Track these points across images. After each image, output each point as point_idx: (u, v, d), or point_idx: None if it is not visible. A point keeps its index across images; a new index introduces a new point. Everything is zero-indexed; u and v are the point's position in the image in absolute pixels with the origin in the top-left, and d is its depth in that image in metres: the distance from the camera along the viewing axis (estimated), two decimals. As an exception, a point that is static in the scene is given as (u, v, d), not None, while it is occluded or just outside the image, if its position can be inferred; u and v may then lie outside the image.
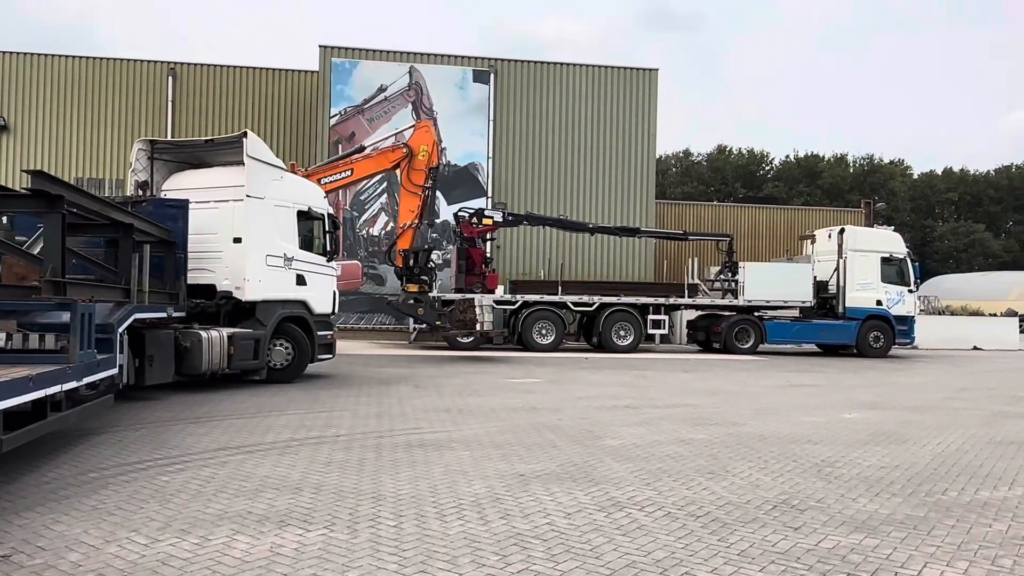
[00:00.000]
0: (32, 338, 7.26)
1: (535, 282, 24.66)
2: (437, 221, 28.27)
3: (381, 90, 28.71)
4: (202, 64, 30.10)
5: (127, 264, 9.13)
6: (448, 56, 29.53)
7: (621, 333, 22.99)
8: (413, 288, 18.25)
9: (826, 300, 23.94)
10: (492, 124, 29.10)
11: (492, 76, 29.32)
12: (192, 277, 11.78)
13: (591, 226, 25.52)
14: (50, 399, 6.33)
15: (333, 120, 28.44)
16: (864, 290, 23.37)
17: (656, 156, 32.14)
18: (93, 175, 28.57)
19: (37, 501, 5.60)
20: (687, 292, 24.15)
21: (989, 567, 4.67)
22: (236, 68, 30.32)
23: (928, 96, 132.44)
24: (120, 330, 8.62)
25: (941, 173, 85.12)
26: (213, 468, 6.73)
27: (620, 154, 30.29)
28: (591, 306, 23.04)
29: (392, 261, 19.19)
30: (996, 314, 40.43)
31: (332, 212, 14.58)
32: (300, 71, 30.61)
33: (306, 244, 13.51)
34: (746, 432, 9.14)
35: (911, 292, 23.87)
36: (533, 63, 30.25)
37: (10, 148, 28.51)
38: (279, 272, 12.82)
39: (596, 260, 29.58)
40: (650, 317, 23.19)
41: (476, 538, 4.95)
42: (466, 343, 22.00)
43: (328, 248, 14.06)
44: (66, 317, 6.96)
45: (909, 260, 23.94)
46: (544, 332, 22.40)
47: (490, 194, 28.43)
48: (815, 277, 23.77)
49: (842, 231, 24.04)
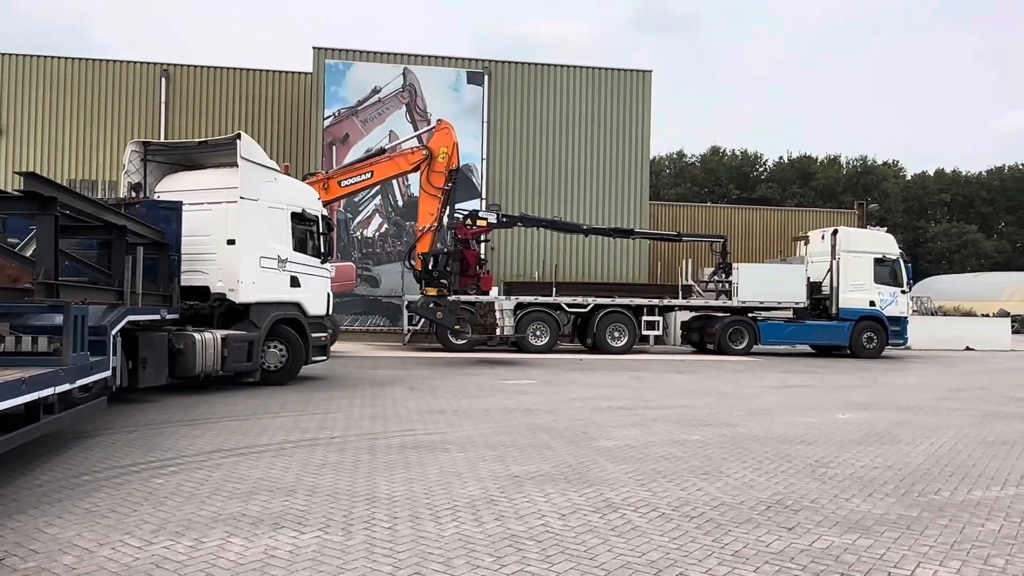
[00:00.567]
0: (25, 340, 7.23)
1: (529, 283, 24.66)
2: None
3: (375, 91, 28.71)
4: (196, 65, 30.04)
5: (120, 266, 9.10)
6: (442, 57, 29.54)
7: (615, 334, 23.02)
8: (432, 292, 17.99)
9: (819, 301, 24.00)
10: (486, 125, 29.11)
11: (486, 78, 29.33)
12: (186, 279, 11.76)
13: (585, 227, 25.54)
14: (43, 402, 6.31)
15: (327, 122, 28.42)
16: (857, 291, 23.44)
17: (650, 157, 32.18)
18: (86, 177, 28.49)
19: (30, 504, 5.58)
20: (681, 293, 24.18)
21: (982, 566, 4.69)
22: (230, 69, 30.26)
23: (921, 97, 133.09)
24: (113, 332, 8.59)
25: (934, 174, 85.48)
26: (207, 470, 6.71)
27: (614, 155, 30.32)
28: (585, 307, 23.06)
29: (411, 264, 18.74)
30: (988, 315, 40.58)
31: (326, 214, 14.56)
32: (294, 72, 30.58)
33: (300, 246, 13.49)
34: (740, 433, 9.16)
35: (904, 293, 23.94)
36: (527, 64, 30.27)
37: (3, 150, 28.40)
38: (273, 274, 12.80)
39: (590, 261, 29.61)
40: (644, 318, 23.21)
41: (471, 539, 4.96)
42: (460, 344, 22.00)
43: (322, 250, 14.05)
44: (59, 319, 6.94)
45: (902, 261, 24.02)
46: (538, 333, 22.39)
47: (484, 195, 28.44)
48: (808, 278, 23.84)
49: (835, 232, 24.11)
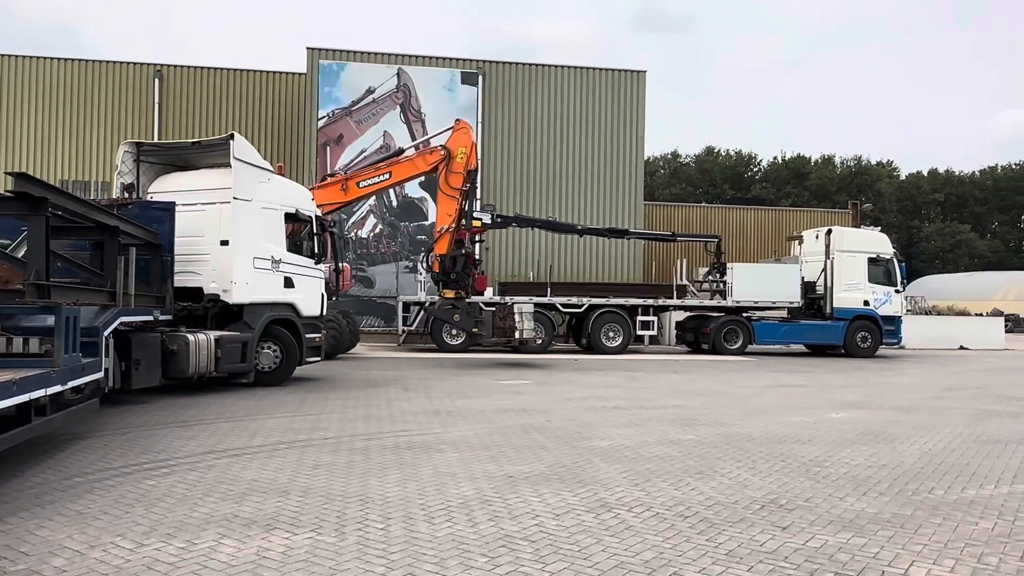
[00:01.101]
0: (16, 342, 7.19)
1: (524, 284, 24.66)
2: (426, 224, 28.30)
3: (369, 92, 28.67)
4: (189, 66, 29.97)
5: (113, 267, 9.06)
6: (436, 58, 29.53)
7: (610, 334, 23.03)
8: (450, 294, 17.63)
9: (814, 301, 24.04)
10: (480, 126, 29.07)
11: (480, 78, 29.32)
12: (179, 280, 11.71)
13: (580, 227, 25.54)
14: (35, 403, 6.29)
15: (321, 122, 28.38)
16: (851, 290, 23.48)
17: (644, 158, 32.21)
18: (79, 177, 28.39)
19: (21, 506, 5.54)
20: (676, 293, 24.20)
21: (975, 565, 4.69)
22: (223, 70, 30.20)
23: (915, 98, 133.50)
24: (106, 333, 8.56)
25: (927, 174, 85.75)
26: (200, 472, 6.69)
27: (608, 156, 30.34)
28: (580, 307, 23.07)
29: (428, 266, 18.44)
30: (982, 314, 40.71)
31: (319, 214, 14.53)
32: (287, 73, 30.53)
33: (294, 247, 13.46)
34: (734, 432, 9.16)
35: (898, 292, 23.99)
36: (521, 65, 30.27)
37: (-5, 151, 28.30)
38: (267, 275, 12.76)
39: (585, 261, 29.62)
40: (639, 318, 23.23)
41: (464, 540, 4.94)
42: (455, 344, 21.99)
43: (316, 250, 14.01)
44: (51, 321, 6.91)
45: (896, 260, 24.06)
46: (534, 334, 22.34)
47: (479, 196, 28.40)
48: (803, 278, 23.87)
49: (829, 232, 24.15)
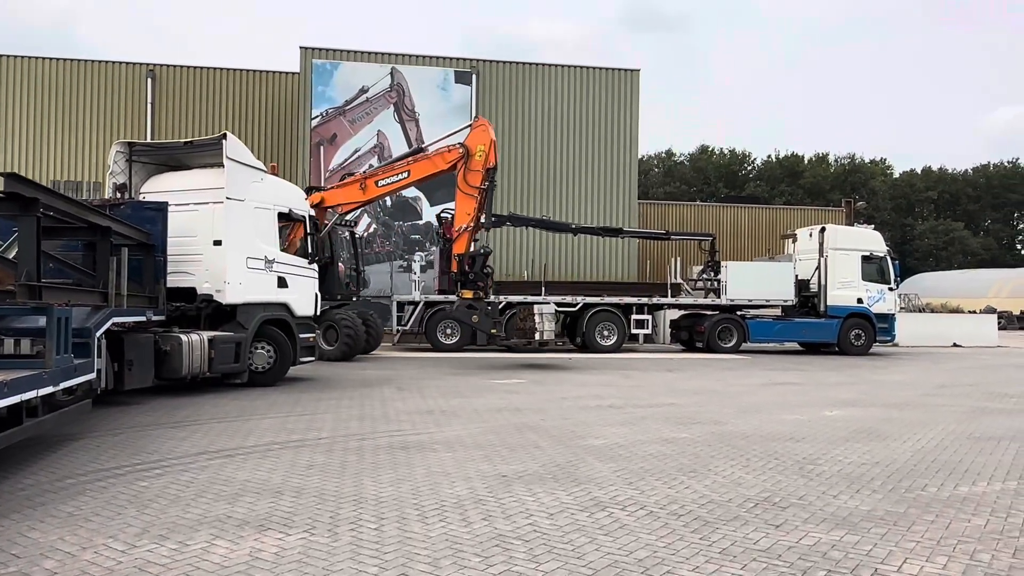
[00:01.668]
0: (7, 343, 7.17)
1: (518, 283, 24.65)
2: (420, 223, 28.27)
3: (362, 91, 28.63)
4: (182, 66, 29.88)
5: (105, 268, 9.03)
6: (430, 57, 29.49)
7: (604, 333, 23.03)
8: (468, 294, 17.32)
9: (808, 299, 24.09)
10: (474, 125, 29.02)
11: (474, 77, 29.29)
12: (172, 280, 11.67)
13: (574, 226, 25.54)
14: (26, 404, 6.26)
15: (314, 122, 28.32)
16: (845, 288, 23.53)
17: (638, 156, 32.21)
18: (71, 178, 28.28)
19: (12, 508, 5.52)
20: (670, 292, 24.22)
21: (968, 562, 4.70)
22: (216, 70, 30.11)
23: (909, 96, 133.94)
24: (98, 334, 8.52)
25: (921, 172, 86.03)
26: (193, 473, 6.66)
27: (602, 154, 30.34)
28: (574, 306, 23.06)
29: (447, 266, 18.15)
30: (975, 311, 40.88)
31: (313, 214, 14.50)
32: (281, 72, 30.45)
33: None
34: (728, 431, 9.17)
35: (891, 290, 24.04)
36: (515, 64, 30.25)
37: (-13, 151, 28.18)
38: (260, 275, 12.73)
39: (579, 260, 29.62)
40: (633, 317, 23.24)
41: (458, 540, 4.93)
42: (450, 344, 21.97)
43: (310, 250, 13.98)
44: (42, 322, 6.88)
45: (889, 258, 24.11)
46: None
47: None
48: (797, 276, 23.91)
49: (823, 230, 24.19)
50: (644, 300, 23.64)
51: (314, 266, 14.26)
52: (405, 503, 5.77)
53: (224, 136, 12.33)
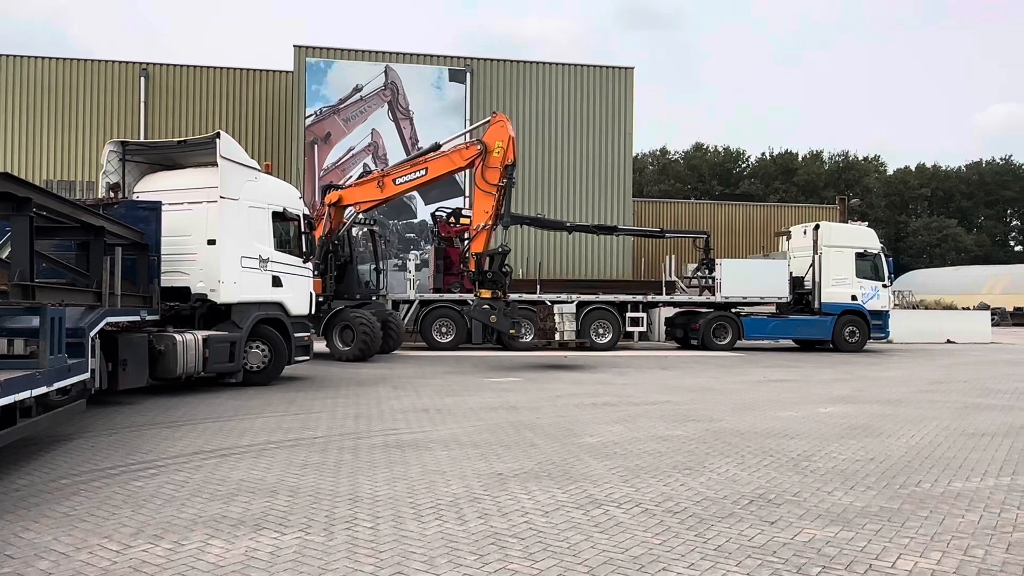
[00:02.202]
0: (1, 343, 7.14)
1: (513, 281, 24.59)
2: (415, 221, 28.26)
3: (356, 90, 28.60)
4: (175, 64, 29.82)
5: (99, 267, 9.00)
6: (424, 55, 29.47)
7: (600, 331, 23.05)
8: (486, 293, 16.99)
9: (802, 296, 24.14)
10: (469, 123, 29.02)
11: (468, 75, 29.28)
12: (166, 280, 11.65)
13: (568, 224, 25.54)
14: (20, 405, 6.23)
15: (308, 120, 28.29)
16: (839, 285, 23.59)
17: (633, 154, 32.26)
18: (64, 177, 28.20)
19: (6, 508, 5.50)
20: (665, 289, 24.24)
21: (962, 557, 4.72)
22: (209, 68, 30.06)
23: (902, 93, 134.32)
24: (92, 334, 8.50)
25: (915, 169, 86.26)
26: (187, 472, 6.65)
27: (597, 152, 30.37)
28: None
29: (465, 265, 17.91)
30: (969, 308, 41.03)
31: (308, 213, 14.47)
32: (274, 71, 30.42)
33: (282, 245, 13.40)
34: (723, 428, 9.19)
35: (885, 287, 24.12)
36: (509, 62, 30.25)
37: (-21, 151, 28.08)
38: (254, 274, 12.70)
39: (574, 258, 29.65)
40: (628, 315, 23.26)
41: (453, 538, 4.93)
42: (445, 343, 21.96)
43: (304, 249, 13.96)
44: (35, 322, 6.85)
45: (883, 255, 24.18)
46: (523, 331, 22.33)
47: (467, 193, 28.38)
48: (791, 273, 23.96)
49: (817, 227, 24.24)
50: (639, 298, 23.67)
51: (309, 265, 14.24)
52: (401, 502, 5.77)
53: (218, 135, 12.30)
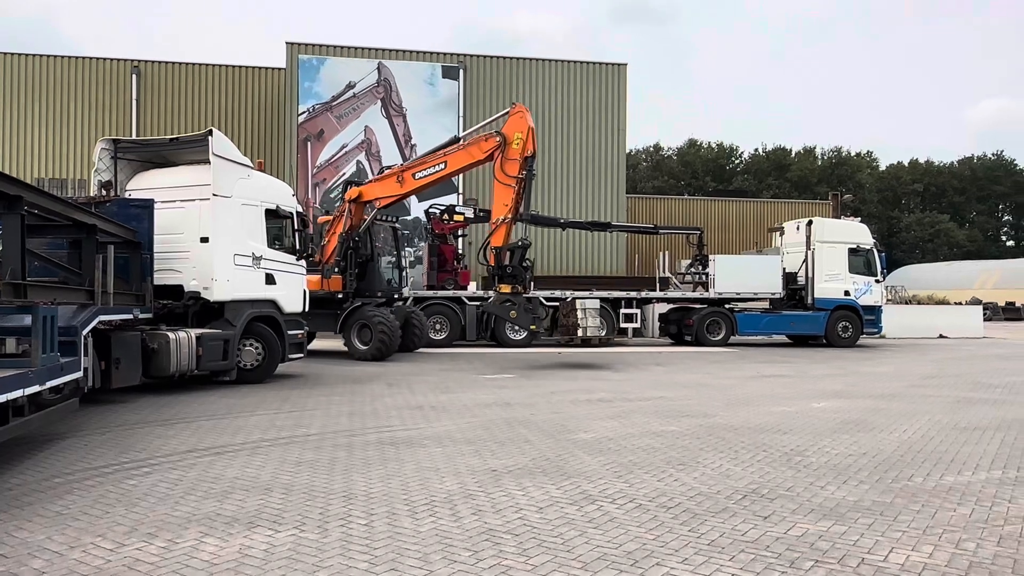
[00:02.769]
0: (-7, 342, 7.12)
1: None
2: (408, 218, 28.23)
3: (349, 87, 28.54)
4: (167, 62, 29.72)
5: (91, 265, 8.97)
6: (417, 52, 29.43)
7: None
8: (506, 289, 16.49)
9: (795, 291, 24.18)
10: (462, 120, 29.02)
11: (461, 72, 29.25)
12: (159, 278, 11.62)
13: (562, 221, 25.55)
14: (12, 404, 6.22)
15: (301, 117, 28.22)
16: (832, 281, 23.64)
17: (626, 150, 32.29)
18: (55, 175, 28.09)
19: (-1, 508, 5.50)
20: (658, 285, 24.30)
21: (953, 550, 4.75)
22: (201, 65, 29.96)
23: (895, 89, 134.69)
24: (84, 332, 8.47)
25: (907, 164, 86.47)
26: (181, 470, 6.64)
27: (590, 149, 30.38)
28: (564, 301, 23.04)
29: (484, 259, 17.36)
30: (961, 303, 41.16)
31: (301, 210, 14.44)
32: (267, 68, 30.33)
33: (275, 243, 13.37)
34: (717, 423, 9.21)
35: (878, 282, 24.17)
36: (502, 58, 30.23)
37: (-30, 149, 27.94)
38: (248, 271, 12.68)
39: (568, 255, 29.67)
40: (622, 311, 23.26)
41: (448, 535, 4.94)
42: (439, 340, 21.94)
43: (298, 247, 13.94)
44: (27, 320, 6.82)
45: (876, 251, 24.23)
46: (517, 327, 22.32)
47: (461, 190, 28.40)
48: (784, 269, 24.01)
49: (810, 223, 24.28)
50: (633, 294, 23.70)
51: (302, 262, 14.22)
52: (395, 498, 5.77)
53: (210, 132, 12.26)
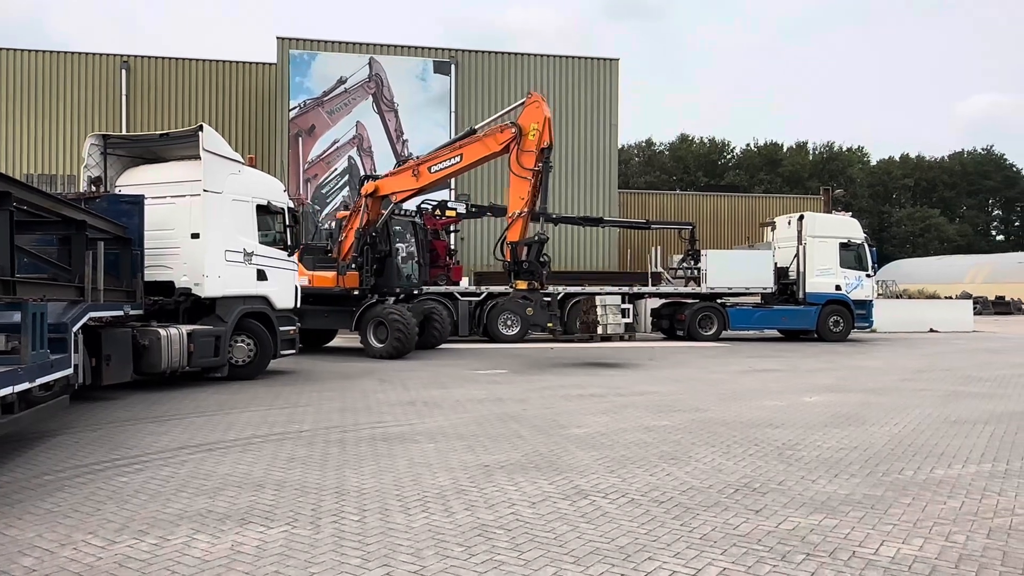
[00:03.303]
0: (-18, 339, 7.07)
1: (500, 273, 24.42)
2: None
3: (341, 82, 28.45)
4: (157, 57, 29.55)
5: (80, 262, 8.91)
6: (408, 47, 29.35)
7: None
8: (522, 285, 15.96)
9: (787, 286, 24.25)
10: (454, 115, 28.99)
11: (453, 67, 29.19)
12: (150, 274, 11.56)
13: (554, 216, 25.48)
14: (1, 401, 6.19)
15: (292, 113, 28.12)
16: (823, 275, 23.72)
17: (618, 146, 32.30)
18: (45, 171, 27.92)
19: (-11, 506, 5.47)
20: (651, 281, 24.32)
21: (943, 543, 4.78)
22: (191, 60, 29.81)
23: (886, 84, 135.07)
24: (74, 329, 8.42)
25: (898, 159, 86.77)
26: (173, 467, 6.62)
27: (583, 144, 30.37)
28: (556, 296, 23.05)
29: (501, 255, 16.87)
30: (951, 297, 41.36)
31: (292, 206, 14.40)
32: (258, 63, 30.20)
33: (266, 239, 13.33)
34: (709, 417, 9.24)
35: (869, 277, 24.27)
36: (494, 54, 30.18)
37: (-42, 145, 27.75)
38: (239, 267, 12.63)
39: (560, 250, 29.65)
40: (615, 306, 23.26)
41: (440, 530, 4.94)
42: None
43: (289, 243, 13.90)
44: (17, 317, 6.78)
45: (867, 245, 24.32)
46: (509, 323, 22.37)
47: (453, 186, 28.33)
48: (776, 263, 24.07)
49: (801, 218, 24.35)
50: (625, 289, 23.71)
51: (294, 258, 14.18)
52: (387, 494, 5.77)
53: (200, 128, 12.20)
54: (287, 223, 13.84)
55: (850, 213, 30.05)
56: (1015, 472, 6.60)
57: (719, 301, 23.83)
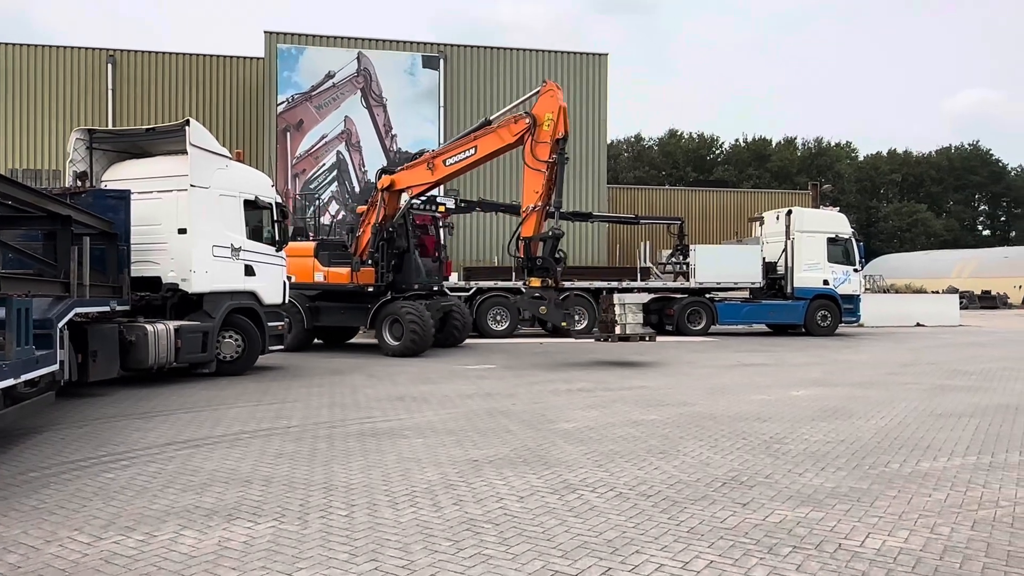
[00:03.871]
0: (-35, 335, 7.01)
1: (489, 268, 24.61)
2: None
3: (329, 76, 28.33)
4: (143, 51, 29.34)
5: (66, 257, 8.85)
6: (397, 41, 29.25)
7: (575, 317, 23.01)
8: (536, 282, 15.48)
9: (775, 281, 24.34)
10: (442, 110, 28.93)
11: (442, 62, 29.11)
12: (136, 269, 11.49)
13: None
14: (-14, 397, 6.14)
15: (280, 107, 27.99)
16: (811, 270, 23.81)
17: (607, 141, 32.31)
18: (29, 166, 27.69)
19: (-26, 503, 5.42)
20: (640, 276, 24.34)
21: (928, 535, 4.81)
22: (178, 55, 29.62)
23: (874, 80, 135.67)
24: (60, 325, 8.37)
25: (886, 155, 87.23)
26: (160, 463, 6.59)
27: (572, 139, 30.12)
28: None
29: (514, 251, 16.35)
30: (938, 291, 41.66)
31: (280, 200, 14.34)
32: (245, 58, 30.04)
33: (254, 234, 13.27)
34: (697, 412, 9.27)
35: (856, 271, 24.38)
36: (483, 48, 30.12)
37: (-59, 139, 27.49)
38: (226, 263, 12.57)
39: (549, 245, 29.62)
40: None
41: (428, 525, 4.94)
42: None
43: (277, 238, 13.84)
44: (1, 313, 6.73)
45: (854, 240, 24.42)
46: (499, 318, 22.38)
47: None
48: (764, 259, 24.15)
49: (789, 213, 24.42)
50: (614, 284, 23.73)
51: (282, 253, 14.12)
52: (376, 489, 5.76)
53: (187, 123, 12.13)
54: (275, 218, 13.77)
55: (838, 208, 30.22)
56: (999, 465, 6.66)
57: (707, 296, 23.90)
